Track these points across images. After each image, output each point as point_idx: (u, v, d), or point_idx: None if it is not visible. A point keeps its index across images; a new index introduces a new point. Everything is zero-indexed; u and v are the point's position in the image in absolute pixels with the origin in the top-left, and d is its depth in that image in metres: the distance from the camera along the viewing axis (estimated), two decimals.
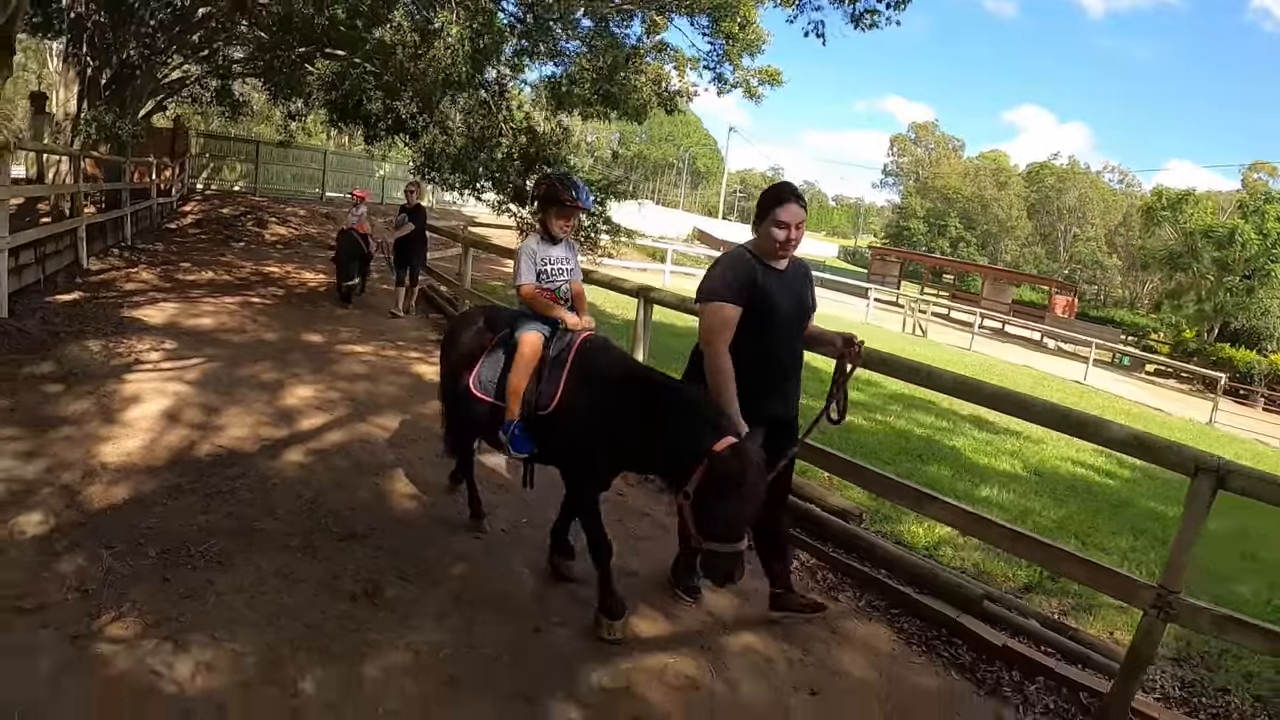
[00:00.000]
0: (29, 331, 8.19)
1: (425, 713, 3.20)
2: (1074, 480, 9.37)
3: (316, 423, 6.81)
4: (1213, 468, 3.64)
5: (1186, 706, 4.21)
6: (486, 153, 15.89)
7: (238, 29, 17.00)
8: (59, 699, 2.99)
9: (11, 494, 4.65)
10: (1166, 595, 3.80)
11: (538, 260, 4.51)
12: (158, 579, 3.93)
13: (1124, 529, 7.47)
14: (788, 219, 3.94)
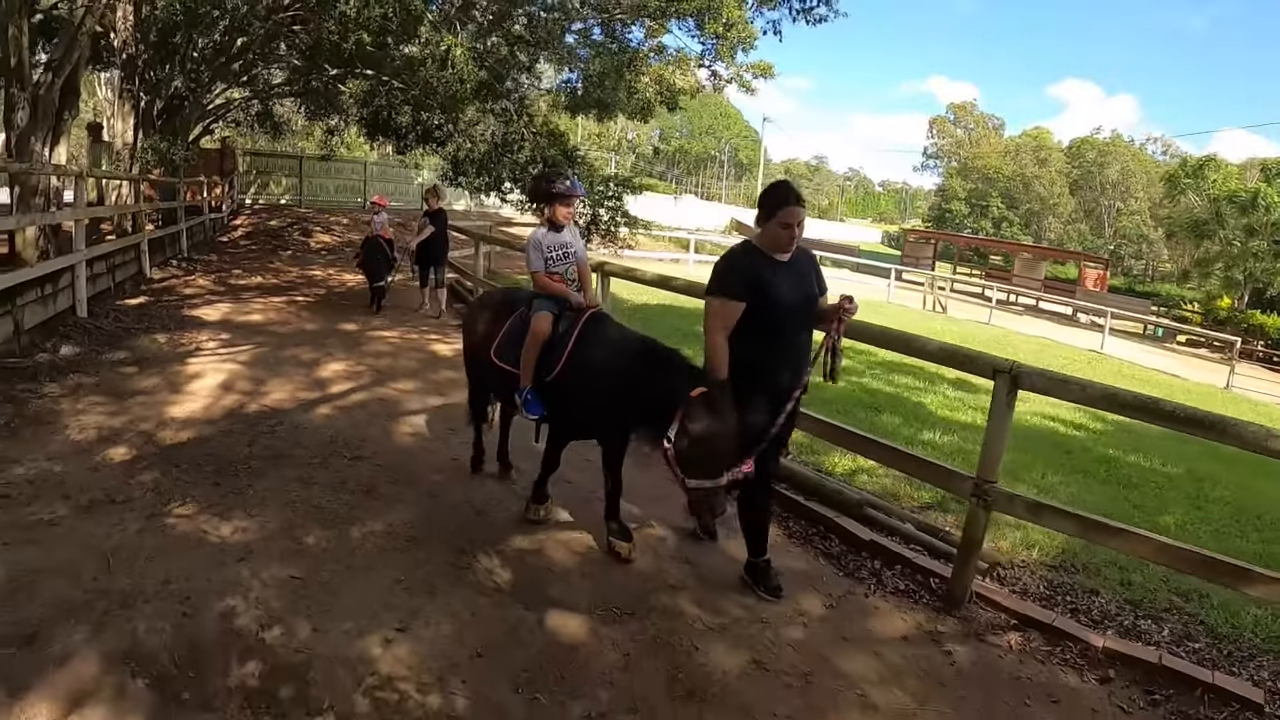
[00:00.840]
0: (105, 328, 9.72)
1: (386, 557, 4.49)
2: (1037, 432, 10.00)
3: (343, 388, 8.18)
4: (1006, 369, 4.35)
5: (1046, 601, 4.74)
6: (509, 156, 17.19)
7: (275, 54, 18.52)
8: (138, 545, 4.35)
9: (103, 437, 6.07)
10: (984, 485, 4.46)
11: (544, 249, 5.11)
12: (210, 484, 5.31)
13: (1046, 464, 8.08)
14: (791, 220, 4.15)
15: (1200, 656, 4.24)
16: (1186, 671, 4.01)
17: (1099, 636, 4.28)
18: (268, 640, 3.54)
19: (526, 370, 4.84)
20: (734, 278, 4.22)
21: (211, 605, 3.77)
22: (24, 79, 11.16)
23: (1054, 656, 4.16)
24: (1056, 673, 4.02)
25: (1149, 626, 4.54)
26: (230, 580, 4.03)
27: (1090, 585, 4.96)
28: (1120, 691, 3.89)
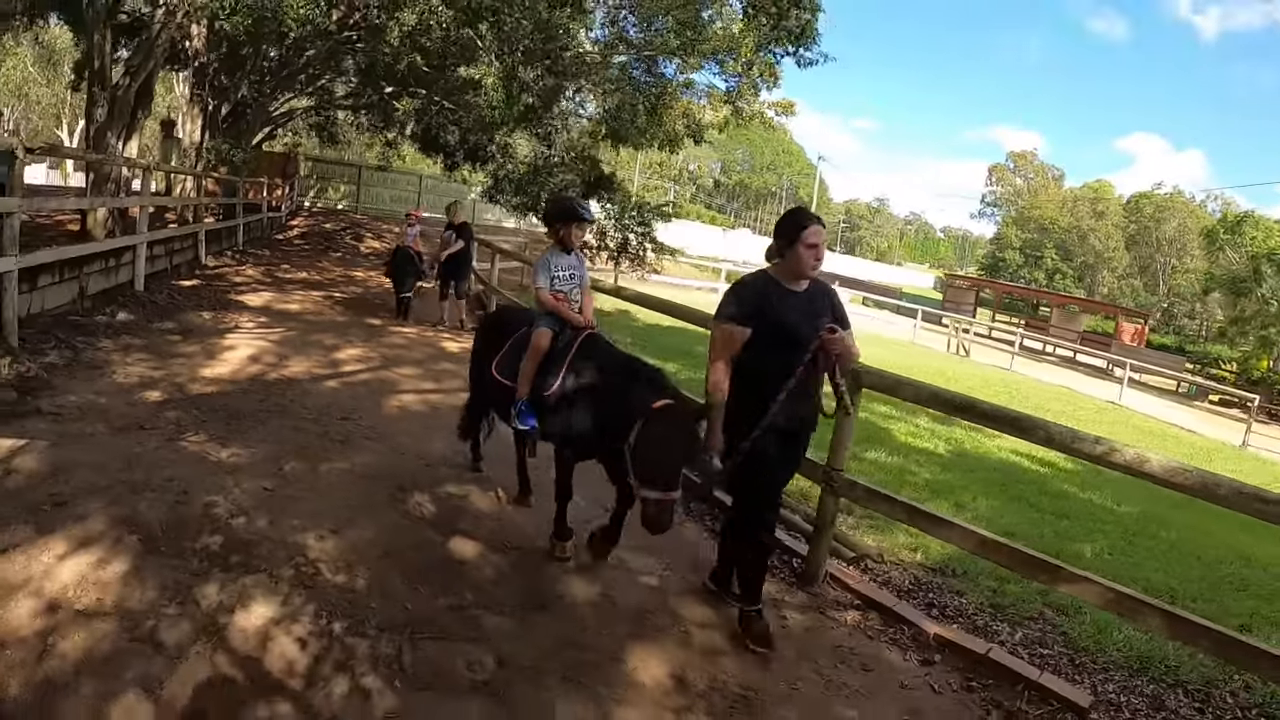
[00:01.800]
0: (158, 302, 11.15)
1: (343, 485, 5.66)
2: (995, 463, 10.47)
3: (353, 368, 9.43)
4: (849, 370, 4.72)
5: (905, 593, 5.21)
6: (546, 178, 18.48)
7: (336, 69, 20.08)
8: (154, 456, 5.60)
9: (142, 383, 7.39)
10: (831, 472, 5.02)
11: (552, 268, 5.31)
12: (222, 423, 6.57)
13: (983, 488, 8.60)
14: (815, 240, 4.12)
15: (1044, 660, 4.53)
16: (1012, 666, 4.30)
17: (933, 624, 4.67)
18: (233, 525, 4.73)
19: (524, 381, 5.06)
20: (741, 303, 4.20)
21: (199, 498, 4.99)
22: (105, 80, 12.86)
23: (885, 636, 4.61)
24: (881, 649, 4.47)
25: (1003, 628, 4.89)
26: (218, 485, 5.25)
27: (959, 588, 5.40)
28: (939, 674, 4.25)
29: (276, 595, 4.04)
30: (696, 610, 4.62)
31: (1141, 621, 4.12)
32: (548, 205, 6.29)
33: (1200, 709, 4.27)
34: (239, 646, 3.61)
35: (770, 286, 4.24)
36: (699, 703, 3.75)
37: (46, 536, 4.24)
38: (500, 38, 14.27)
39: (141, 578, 4.01)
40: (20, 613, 3.60)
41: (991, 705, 4.04)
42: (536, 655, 3.91)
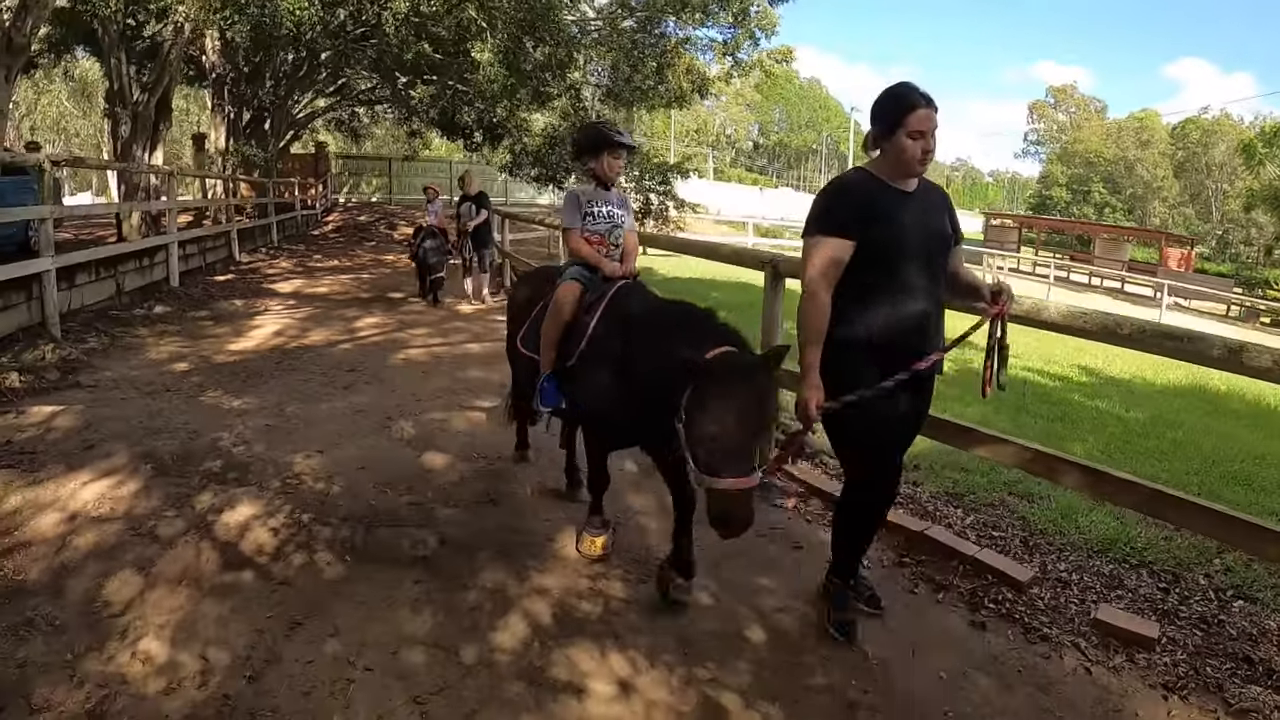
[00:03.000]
0: (193, 295, 12.08)
1: (336, 419, 6.39)
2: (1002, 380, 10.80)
3: (368, 333, 10.20)
4: (769, 261, 5.46)
5: None
6: (561, 148, 19.05)
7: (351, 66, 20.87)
8: (174, 409, 6.40)
9: (172, 359, 8.25)
10: None
11: (583, 203, 4.40)
12: (239, 382, 7.37)
13: None
14: (924, 127, 3.19)
15: (994, 541, 4.58)
16: (948, 543, 4.36)
17: None
18: (233, 452, 5.48)
19: (545, 352, 4.16)
20: (841, 209, 3.31)
21: (208, 435, 5.76)
22: (125, 99, 14.01)
23: (822, 520, 4.81)
24: (815, 530, 4.69)
25: (954, 513, 4.96)
26: (226, 425, 6.03)
27: (918, 480, 5.51)
28: (874, 551, 4.31)
29: (261, 500, 4.74)
30: (641, 500, 5.13)
31: (1061, 480, 4.04)
32: (575, 136, 5.24)
33: (1166, 589, 4.21)
34: (221, 536, 4.32)
35: (876, 186, 3.32)
36: (617, 571, 4.24)
37: (75, 471, 5.02)
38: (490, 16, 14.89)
39: (149, 493, 4.77)
40: (46, 522, 4.39)
41: (921, 579, 4.19)
42: (475, 536, 4.51)
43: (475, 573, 4.13)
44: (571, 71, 19.06)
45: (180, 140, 37.15)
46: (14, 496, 4.69)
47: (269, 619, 3.62)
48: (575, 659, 3.48)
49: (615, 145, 4.36)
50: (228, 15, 13.90)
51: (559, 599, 3.95)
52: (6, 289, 7.83)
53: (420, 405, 6.87)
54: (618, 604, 3.95)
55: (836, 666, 3.45)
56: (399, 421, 6.36)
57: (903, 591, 4.11)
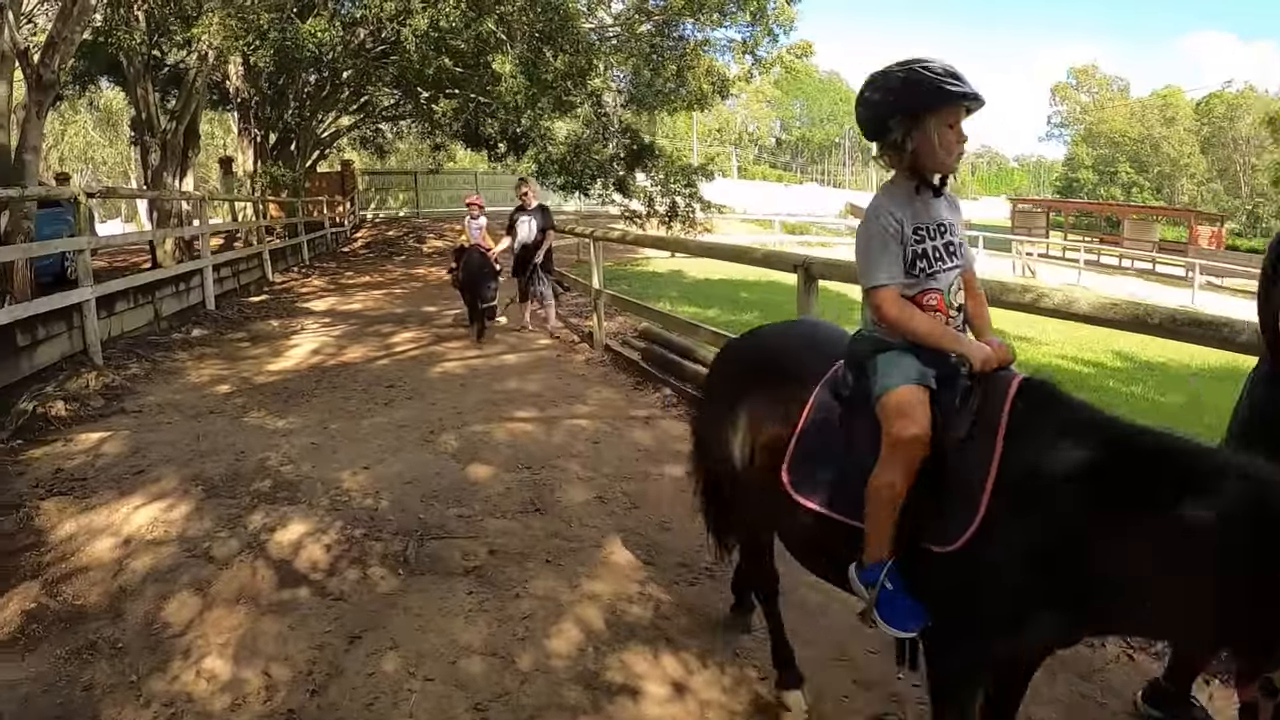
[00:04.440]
0: (229, 317, 12.22)
1: (379, 435, 6.45)
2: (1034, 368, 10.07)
3: (405, 348, 10.28)
4: (801, 263, 5.54)
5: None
6: (587, 156, 19.13)
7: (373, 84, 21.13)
8: (220, 431, 6.48)
9: (213, 381, 8.35)
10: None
11: (906, 233, 2.48)
12: (281, 402, 7.46)
13: None
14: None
15: None
16: None
17: None
18: (282, 471, 5.56)
19: (879, 524, 2.34)
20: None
21: (255, 456, 5.85)
22: (154, 127, 14.31)
23: None
24: None
25: None
26: (272, 445, 6.12)
27: None
28: None
29: (311, 517, 4.81)
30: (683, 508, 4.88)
31: None
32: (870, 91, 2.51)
33: None
34: (275, 554, 4.38)
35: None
36: (665, 575, 4.26)
37: (127, 496, 5.14)
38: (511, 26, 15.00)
39: (201, 515, 4.85)
40: (102, 547, 4.48)
41: None
42: (525, 545, 4.56)
43: (526, 581, 4.16)
44: (592, 79, 19.12)
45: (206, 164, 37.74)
46: (68, 523, 4.79)
47: (328, 634, 3.67)
48: (629, 662, 3.51)
49: (954, 99, 2.37)
50: (251, 41, 14.12)
51: (610, 604, 3.97)
52: (49, 319, 7.97)
53: (461, 418, 6.92)
54: (668, 607, 3.96)
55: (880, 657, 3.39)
56: (442, 435, 6.43)
57: None
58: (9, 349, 7.33)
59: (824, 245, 35.23)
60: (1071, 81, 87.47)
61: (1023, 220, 47.30)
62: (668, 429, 6.74)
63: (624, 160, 19.82)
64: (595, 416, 7.04)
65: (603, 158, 19.05)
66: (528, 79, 15.35)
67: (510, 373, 8.65)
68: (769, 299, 14.89)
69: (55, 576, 4.19)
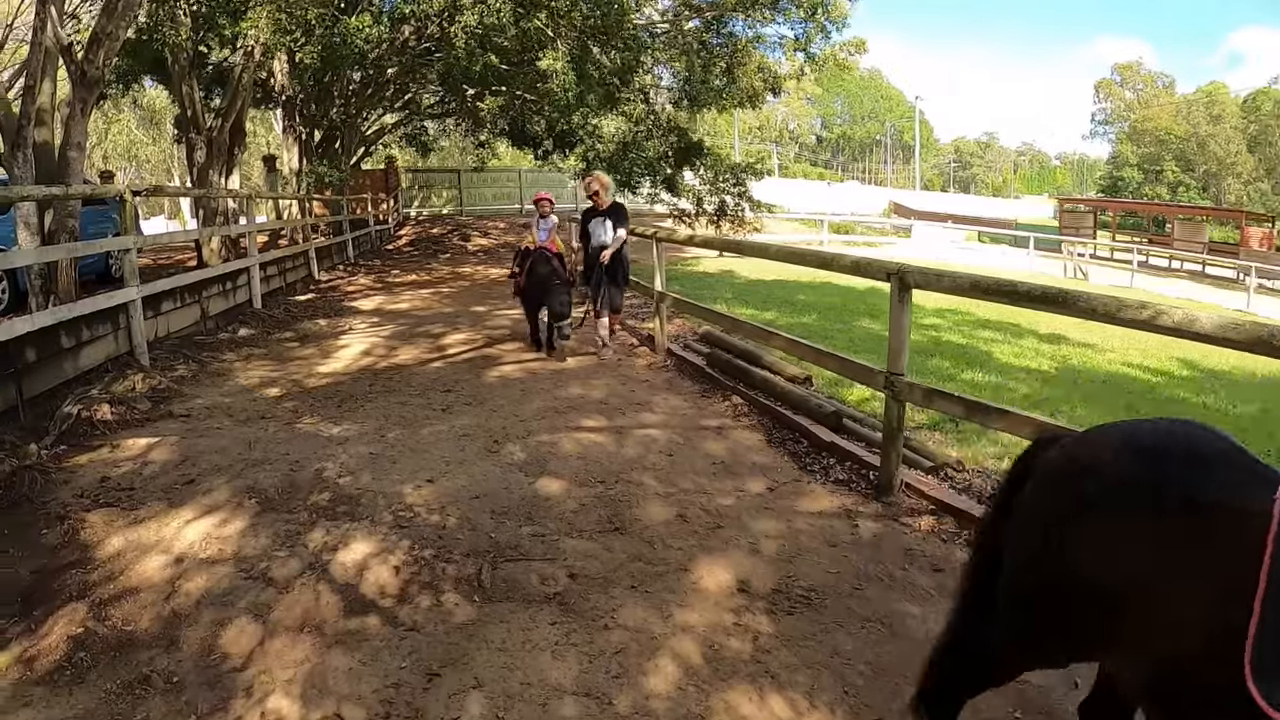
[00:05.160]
0: (276, 316, 11.96)
1: (441, 444, 6.10)
2: (1102, 376, 9.80)
3: (458, 349, 9.94)
4: (895, 271, 4.99)
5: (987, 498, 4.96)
6: (636, 154, 18.78)
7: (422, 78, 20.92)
8: (272, 438, 6.16)
9: (262, 383, 8.06)
10: (891, 377, 5.01)
11: None
12: (334, 407, 7.14)
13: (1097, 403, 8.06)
14: None
15: None
16: None
17: None
18: (340, 483, 5.22)
19: None
20: None
21: (311, 466, 5.52)
22: (199, 124, 14.13)
23: (959, 538, 4.53)
24: (953, 550, 4.40)
25: None
26: (328, 454, 5.79)
27: None
28: None
29: (375, 535, 4.47)
30: (767, 524, 4.78)
31: None
32: None
33: None
34: (339, 577, 4.04)
35: None
36: (760, 603, 3.92)
37: (177, 508, 4.83)
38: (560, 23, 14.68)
39: (257, 531, 4.52)
40: (152, 566, 4.15)
41: None
42: (607, 569, 4.20)
43: (613, 610, 3.82)
44: (640, 75, 18.80)
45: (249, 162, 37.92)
46: (116, 538, 4.48)
47: (403, 670, 3.33)
48: (734, 703, 3.19)
49: None
50: (298, 37, 13.89)
51: (705, 636, 3.63)
52: (94, 320, 7.70)
53: (525, 426, 6.57)
54: (767, 639, 3.64)
55: (999, 696, 3.05)
56: (506, 445, 6.08)
57: None
58: (53, 351, 7.05)
59: (870, 245, 34.81)
60: (1116, 78, 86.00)
61: (1071, 220, 46.31)
62: (741, 440, 6.37)
63: (672, 158, 19.43)
64: (665, 426, 6.66)
65: (651, 156, 18.68)
66: (578, 75, 14.98)
67: (570, 378, 8.29)
68: (824, 301, 14.56)
69: (103, 598, 3.88)
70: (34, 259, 8.04)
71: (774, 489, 5.34)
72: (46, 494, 5.11)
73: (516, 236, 27.75)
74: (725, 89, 18.76)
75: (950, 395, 4.92)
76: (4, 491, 5.07)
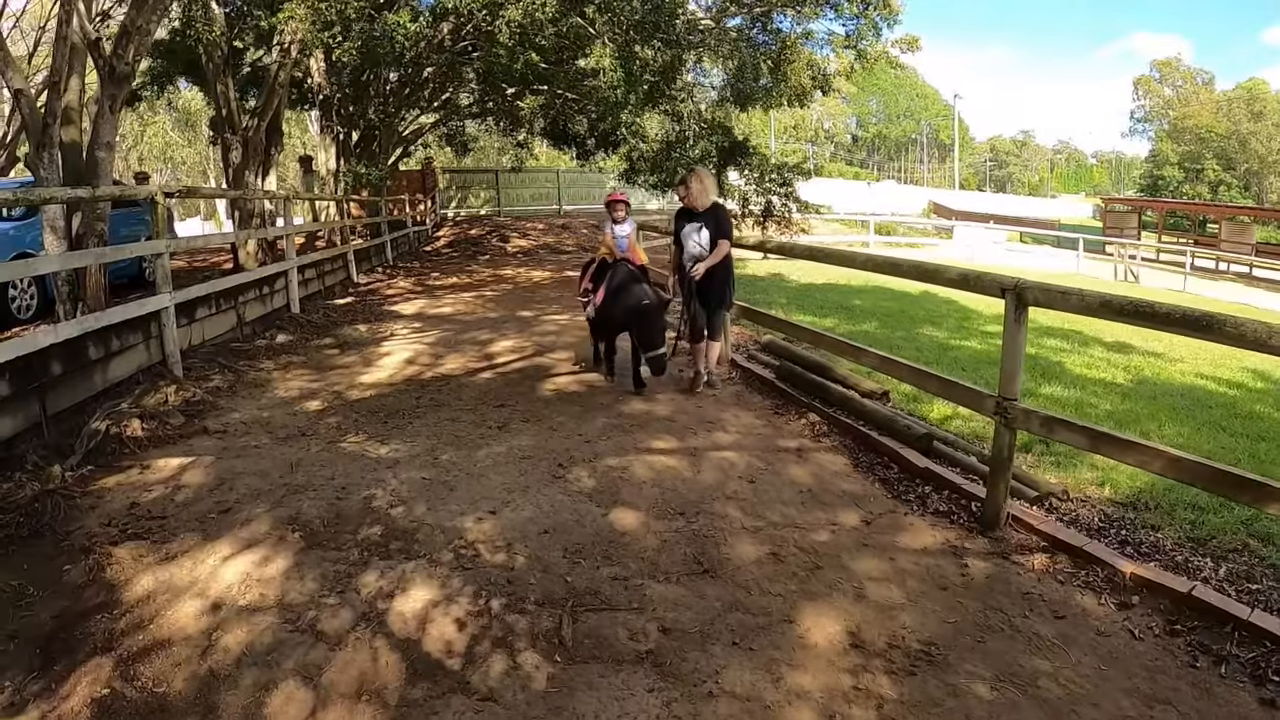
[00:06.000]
0: (315, 321, 11.50)
1: (500, 468, 5.57)
2: (1179, 389, 9.35)
3: (507, 358, 9.42)
4: (1011, 286, 4.44)
5: (1096, 532, 4.62)
6: (680, 153, 18.26)
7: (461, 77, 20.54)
8: (315, 459, 5.67)
9: (303, 395, 7.58)
10: (1004, 403, 4.49)
11: None
12: (380, 423, 6.64)
13: (1180, 418, 7.67)
14: None
15: (1255, 597, 3.92)
16: (1219, 605, 3.74)
17: (1128, 563, 4.10)
18: (392, 515, 4.71)
19: None
20: None
21: (359, 493, 5.01)
22: (234, 124, 13.76)
23: (1076, 579, 4.11)
24: (1073, 593, 3.98)
25: (1205, 563, 4.27)
26: (377, 479, 5.28)
27: (1154, 522, 4.77)
28: (1138, 618, 3.75)
29: (435, 579, 3.97)
30: (869, 564, 4.27)
31: None
32: None
33: None
34: (398, 630, 3.54)
35: None
36: (876, 661, 3.43)
37: (212, 541, 4.36)
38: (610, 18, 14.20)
39: (302, 572, 4.03)
40: (186, 613, 3.68)
41: (1199, 649, 3.52)
42: (702, 621, 3.68)
43: (716, 673, 3.32)
44: (684, 74, 18.30)
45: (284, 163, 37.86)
46: (145, 577, 4.02)
47: None
48: None
49: None
50: (336, 34, 13.47)
51: (824, 705, 3.16)
52: (124, 329, 7.24)
53: (590, 448, 6.03)
54: (893, 707, 3.17)
55: None
56: (572, 470, 5.55)
57: (1183, 666, 3.43)
58: (80, 362, 6.60)
59: (913, 246, 34.12)
60: (1155, 74, 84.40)
61: (1114, 220, 45.42)
62: (825, 464, 5.80)
63: (716, 158, 18.86)
64: (741, 448, 6.09)
65: (696, 156, 18.14)
66: (627, 72, 14.48)
67: (631, 392, 7.71)
68: (881, 306, 14.00)
69: (131, 651, 3.42)
70: (58, 265, 7.56)
71: (870, 521, 4.80)
72: (71, 522, 4.67)
73: (555, 238, 27.40)
74: (773, 87, 18.21)
75: (1073, 424, 4.37)
76: (25, 519, 4.64)
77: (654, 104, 17.44)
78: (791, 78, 18.09)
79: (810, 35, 18.73)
